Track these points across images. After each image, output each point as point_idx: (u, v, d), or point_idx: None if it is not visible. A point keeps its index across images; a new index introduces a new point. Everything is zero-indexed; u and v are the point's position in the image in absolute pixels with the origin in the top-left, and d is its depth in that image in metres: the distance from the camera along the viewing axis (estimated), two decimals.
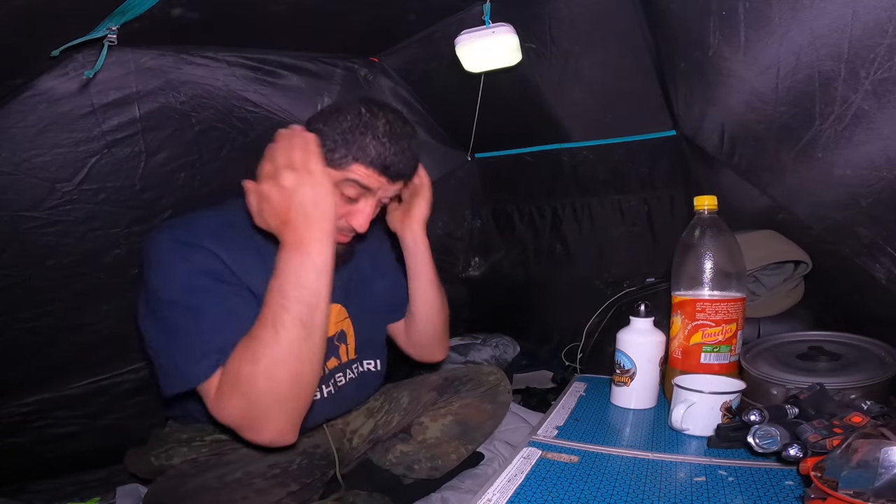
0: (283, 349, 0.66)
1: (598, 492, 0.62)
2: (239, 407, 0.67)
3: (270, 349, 0.66)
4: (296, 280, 0.68)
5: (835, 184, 0.73)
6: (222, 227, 0.78)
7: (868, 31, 0.52)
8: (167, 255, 0.74)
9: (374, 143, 0.77)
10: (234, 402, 0.67)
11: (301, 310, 0.67)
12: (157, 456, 0.87)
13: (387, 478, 0.99)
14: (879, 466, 0.45)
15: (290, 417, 0.70)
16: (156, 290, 0.73)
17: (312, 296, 0.68)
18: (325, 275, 0.69)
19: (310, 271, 0.68)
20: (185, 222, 0.78)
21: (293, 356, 0.67)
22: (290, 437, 0.71)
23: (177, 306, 0.72)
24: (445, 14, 1.19)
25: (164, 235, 0.75)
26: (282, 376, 0.67)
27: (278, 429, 0.69)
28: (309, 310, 0.68)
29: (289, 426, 0.70)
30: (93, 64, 0.80)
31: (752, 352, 0.90)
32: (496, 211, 1.84)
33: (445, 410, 1.02)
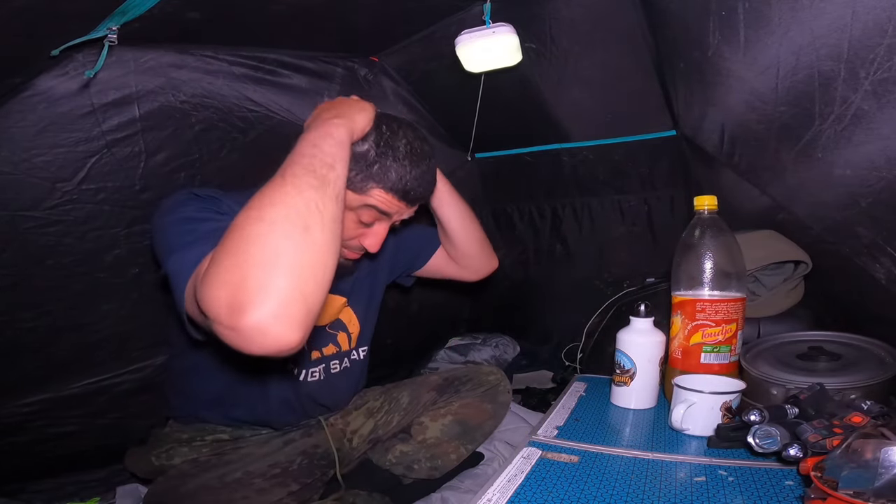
0: (289, 191, 0.55)
1: (598, 492, 0.62)
2: (223, 271, 0.51)
3: (272, 192, 0.55)
4: (312, 144, 0.61)
5: (835, 184, 0.73)
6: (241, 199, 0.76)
7: (868, 31, 0.52)
8: (181, 198, 0.72)
9: (395, 167, 0.75)
10: (218, 267, 0.51)
11: (315, 164, 0.59)
12: (158, 456, 0.88)
13: (387, 478, 0.99)
14: (879, 466, 0.45)
15: (285, 289, 0.50)
16: (160, 224, 0.70)
17: (328, 157, 0.61)
18: (342, 149, 0.63)
19: (328, 141, 0.62)
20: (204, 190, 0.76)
21: (300, 200, 0.55)
22: (285, 328, 0.50)
23: (181, 224, 0.67)
24: (445, 14, 1.19)
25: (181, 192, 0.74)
26: (282, 218, 0.53)
27: (269, 303, 0.49)
28: (325, 166, 0.59)
29: (283, 304, 0.50)
30: (93, 64, 0.80)
31: (752, 352, 0.90)
32: (496, 211, 1.84)
33: (445, 410, 1.02)
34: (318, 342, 0.94)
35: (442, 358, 1.77)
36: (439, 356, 1.78)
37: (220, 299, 0.49)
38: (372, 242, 0.80)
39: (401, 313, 1.58)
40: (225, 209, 0.71)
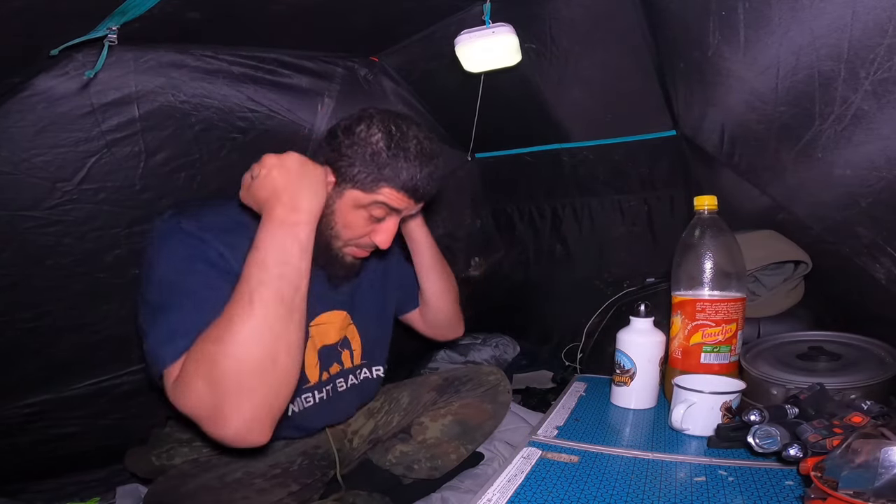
0: (257, 326, 0.60)
1: (598, 492, 0.62)
2: (200, 392, 0.59)
3: (242, 325, 0.60)
4: (280, 256, 0.64)
5: (835, 184, 0.73)
6: (229, 224, 0.76)
7: (868, 31, 0.52)
8: (168, 239, 0.72)
9: (405, 167, 0.76)
10: (194, 386, 0.59)
11: (283, 287, 0.63)
12: (158, 456, 0.88)
13: (387, 478, 0.99)
14: (879, 466, 0.45)
15: (256, 408, 0.60)
16: (148, 269, 0.71)
17: (295, 274, 0.64)
18: (307, 256, 0.67)
19: (295, 249, 0.65)
20: (193, 214, 0.76)
21: (269, 335, 0.61)
22: (258, 436, 0.61)
23: (162, 285, 0.69)
24: (445, 14, 1.19)
25: (169, 223, 0.73)
26: (252, 356, 0.59)
27: (242, 421, 0.59)
28: (291, 289, 0.63)
29: (255, 420, 0.60)
30: (93, 64, 0.80)
31: (752, 352, 0.90)
32: (496, 211, 1.84)
33: (445, 410, 1.02)
34: (326, 362, 0.92)
35: (442, 358, 1.77)
36: (439, 356, 1.78)
37: (198, 411, 0.60)
38: (383, 238, 0.81)
39: None
40: (213, 256, 0.71)
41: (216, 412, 0.59)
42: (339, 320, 0.93)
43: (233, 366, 0.59)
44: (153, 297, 0.69)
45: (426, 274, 1.02)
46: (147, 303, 0.70)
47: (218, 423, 0.59)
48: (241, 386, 0.59)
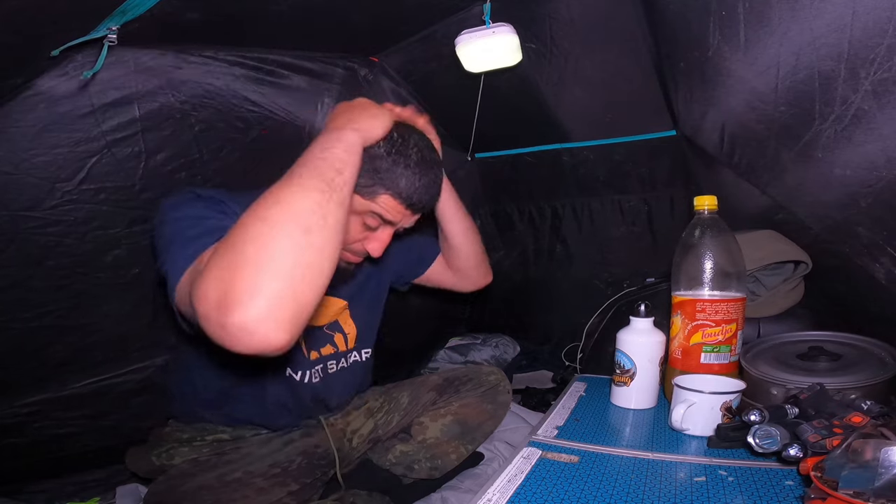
0: (292, 191, 0.55)
1: (598, 492, 0.62)
2: (219, 277, 0.50)
3: (273, 191, 0.55)
4: (323, 145, 0.62)
5: (835, 184, 0.73)
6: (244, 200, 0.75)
7: (868, 31, 0.52)
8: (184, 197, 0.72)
9: (405, 175, 0.75)
10: (215, 271, 0.50)
11: (322, 167, 0.59)
12: (158, 455, 0.88)
13: (387, 478, 0.99)
14: (879, 466, 0.45)
15: (277, 300, 0.49)
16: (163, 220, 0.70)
17: (338, 160, 0.60)
18: (354, 154, 0.63)
19: (340, 145, 0.62)
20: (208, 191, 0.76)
21: (303, 202, 0.54)
22: (275, 331, 0.49)
23: (180, 222, 0.67)
24: (445, 14, 1.19)
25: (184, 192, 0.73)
26: (282, 219, 0.53)
27: (259, 312, 0.48)
28: (332, 170, 0.59)
29: (275, 307, 0.49)
30: (92, 64, 0.80)
31: (752, 352, 0.90)
32: (496, 211, 1.84)
33: (445, 410, 1.02)
34: (315, 343, 0.94)
35: (442, 358, 1.77)
36: (439, 356, 1.78)
37: (210, 296, 0.49)
38: (375, 247, 0.80)
39: (401, 313, 1.58)
40: (228, 210, 0.70)
41: (229, 290, 0.48)
42: (335, 306, 0.95)
43: (262, 229, 0.51)
44: (170, 231, 0.67)
45: (451, 215, 0.98)
46: (163, 237, 0.67)
47: (228, 307, 0.48)
48: (266, 254, 0.50)
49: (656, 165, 1.50)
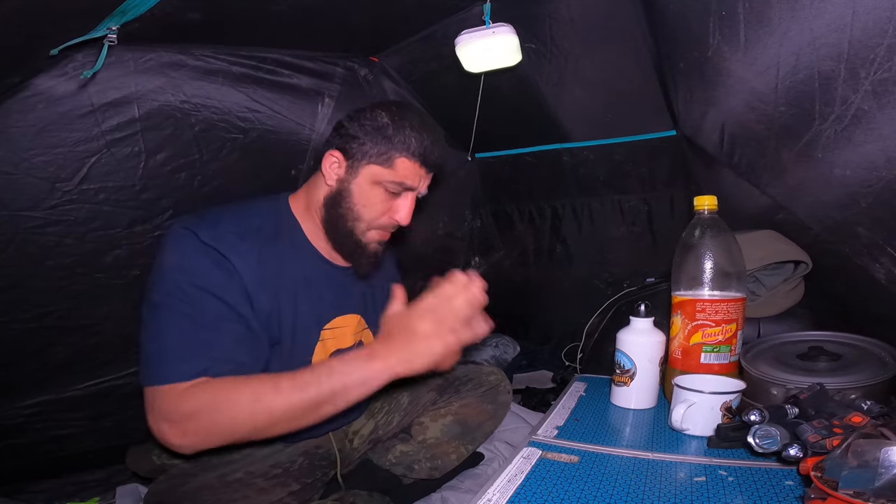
0: (299, 422, 0.66)
1: (598, 492, 0.62)
2: (194, 415, 0.64)
3: (286, 416, 0.65)
4: (362, 391, 0.66)
5: (835, 184, 0.73)
6: (247, 232, 0.78)
7: (868, 31, 0.52)
8: (185, 247, 0.73)
9: (413, 136, 0.80)
10: (196, 411, 0.64)
11: (340, 405, 0.66)
12: (159, 455, 0.87)
13: (387, 478, 0.99)
14: (879, 466, 0.45)
15: (213, 447, 0.67)
16: (160, 272, 0.72)
17: (368, 391, 0.67)
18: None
19: (378, 382, 0.66)
20: (211, 222, 0.77)
21: (296, 424, 0.66)
22: (188, 452, 0.68)
23: (182, 295, 0.70)
24: (445, 14, 1.19)
25: (187, 230, 0.74)
26: (265, 433, 0.66)
27: (194, 447, 0.66)
28: (343, 405, 0.67)
29: (203, 449, 0.67)
30: (92, 64, 0.80)
31: (752, 352, 0.90)
32: (496, 211, 1.84)
33: (445, 410, 1.02)
34: None
35: None
36: None
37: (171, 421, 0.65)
38: (404, 215, 0.84)
39: None
40: (228, 267, 0.73)
41: (187, 431, 0.65)
42: (353, 324, 0.93)
43: (245, 432, 0.65)
44: (158, 297, 0.71)
45: None
46: (151, 301, 0.71)
47: (178, 434, 0.65)
48: (233, 438, 0.66)
49: (656, 165, 1.50)
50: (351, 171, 0.81)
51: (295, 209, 0.87)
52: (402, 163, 0.80)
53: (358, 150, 0.80)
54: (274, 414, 0.64)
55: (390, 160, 0.80)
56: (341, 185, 0.82)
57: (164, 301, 0.70)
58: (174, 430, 0.65)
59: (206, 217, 0.78)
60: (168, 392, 0.66)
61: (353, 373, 0.65)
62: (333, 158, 0.82)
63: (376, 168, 0.80)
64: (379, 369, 0.65)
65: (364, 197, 0.81)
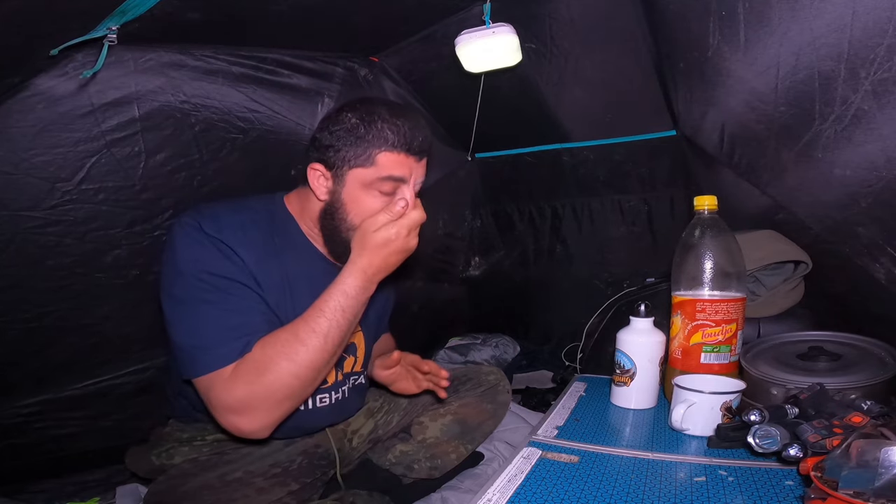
0: (325, 358, 0.72)
1: (598, 492, 0.62)
2: (248, 392, 0.68)
3: (314, 355, 0.70)
4: (358, 310, 0.74)
5: (835, 184, 0.73)
6: (246, 225, 0.78)
7: (868, 31, 0.52)
8: (193, 240, 0.74)
9: (387, 127, 0.76)
10: (247, 387, 0.68)
11: (347, 335, 0.73)
12: (159, 455, 0.87)
13: (387, 477, 0.99)
14: (879, 466, 0.45)
15: (280, 417, 0.72)
16: (178, 270, 0.73)
17: (357, 317, 0.75)
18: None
19: (365, 298, 0.74)
20: (212, 214, 0.77)
21: (325, 368, 0.73)
22: (266, 434, 0.73)
23: (203, 285, 0.72)
24: (445, 14, 1.19)
25: (190, 223, 0.75)
26: (308, 380, 0.71)
27: (265, 423, 0.71)
28: (349, 336, 0.75)
29: (273, 424, 0.72)
30: (92, 64, 0.80)
31: (752, 352, 0.90)
32: (496, 211, 1.85)
33: (445, 410, 1.02)
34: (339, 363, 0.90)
35: (442, 358, 1.77)
36: (439, 356, 1.78)
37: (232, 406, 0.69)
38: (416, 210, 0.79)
39: (401, 313, 1.58)
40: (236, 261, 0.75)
41: (250, 411, 0.69)
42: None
43: (292, 385, 0.70)
44: (180, 291, 0.73)
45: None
46: (173, 297, 0.73)
47: (244, 419, 0.70)
48: (285, 398, 0.71)
49: (656, 165, 1.50)
50: (337, 181, 0.78)
51: (290, 208, 0.87)
52: (384, 157, 0.76)
53: (336, 158, 0.77)
54: (313, 362, 0.71)
55: (370, 158, 0.76)
56: (332, 196, 0.79)
57: (187, 295, 0.72)
58: (243, 420, 0.70)
59: (204, 211, 0.78)
60: (216, 380, 0.70)
61: (335, 290, 0.72)
62: (317, 172, 0.80)
63: (359, 171, 0.76)
64: (351, 273, 0.73)
65: (356, 204, 0.78)
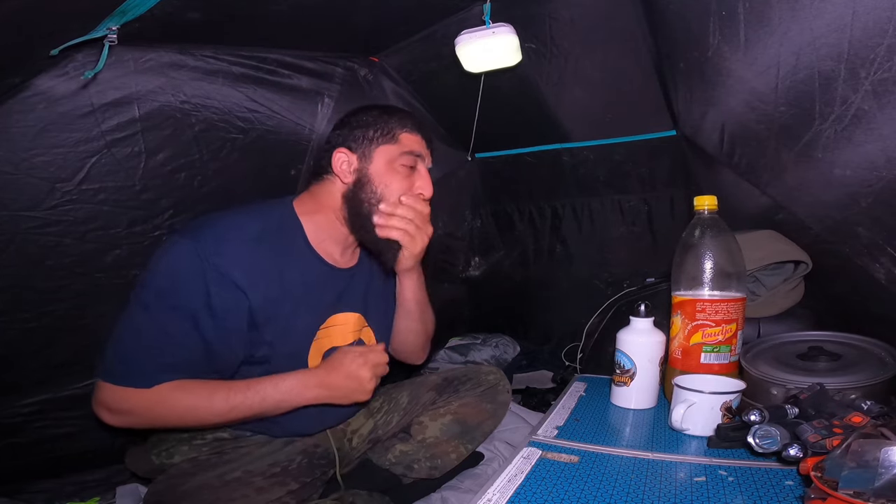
0: (217, 422, 0.78)
1: (598, 492, 0.62)
2: (131, 417, 0.76)
3: (209, 417, 0.77)
4: (281, 403, 0.79)
5: (835, 184, 0.73)
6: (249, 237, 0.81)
7: (868, 31, 0.52)
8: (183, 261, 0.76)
9: (401, 115, 0.90)
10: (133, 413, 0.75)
11: (259, 413, 0.79)
12: (158, 454, 0.87)
13: (386, 477, 0.99)
14: (879, 466, 0.45)
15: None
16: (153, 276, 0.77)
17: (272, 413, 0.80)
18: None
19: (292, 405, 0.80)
20: (216, 235, 0.78)
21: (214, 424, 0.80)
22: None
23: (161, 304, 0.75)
24: (445, 14, 1.19)
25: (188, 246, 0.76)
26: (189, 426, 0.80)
27: (131, 428, 0.79)
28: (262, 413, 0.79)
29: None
30: (93, 64, 0.80)
31: (752, 352, 0.90)
32: (496, 211, 1.84)
33: (445, 410, 1.02)
34: None
35: (442, 358, 1.77)
36: (439, 356, 1.77)
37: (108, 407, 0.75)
38: (423, 184, 0.89)
39: None
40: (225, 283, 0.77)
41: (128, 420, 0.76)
42: (352, 321, 0.93)
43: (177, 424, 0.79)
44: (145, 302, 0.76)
45: (402, 314, 1.02)
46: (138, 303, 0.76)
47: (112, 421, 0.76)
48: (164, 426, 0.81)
49: (656, 165, 1.50)
50: (363, 160, 0.86)
51: (299, 212, 0.89)
52: (405, 136, 0.87)
53: (363, 138, 0.86)
54: (204, 422, 0.78)
55: (395, 136, 0.87)
56: (359, 174, 0.86)
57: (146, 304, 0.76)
58: (112, 418, 0.76)
59: (206, 224, 0.80)
60: (118, 391, 0.74)
61: (283, 401, 0.79)
62: (342, 156, 0.87)
63: (385, 147, 0.86)
64: (300, 378, 0.80)
65: (382, 178, 0.86)
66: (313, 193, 0.91)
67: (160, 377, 0.74)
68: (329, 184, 0.89)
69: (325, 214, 0.88)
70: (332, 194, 0.88)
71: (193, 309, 0.75)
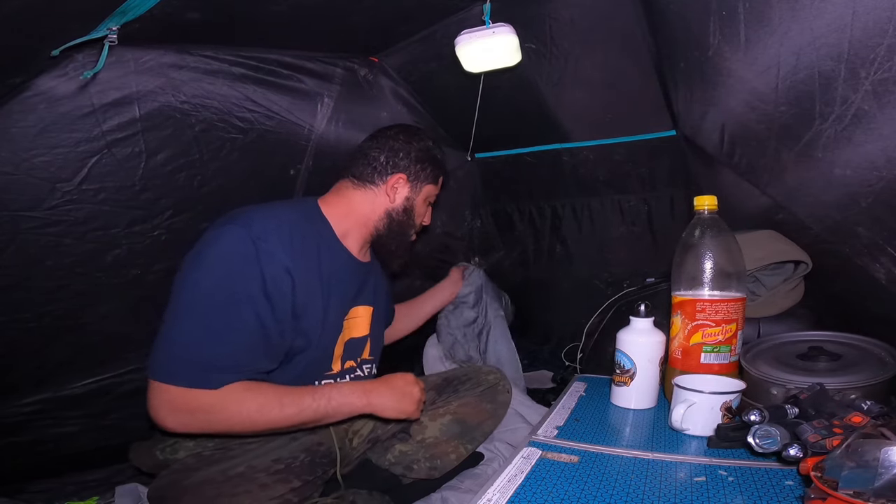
0: (285, 425, 0.79)
1: (598, 492, 0.62)
2: (197, 417, 0.74)
3: (280, 420, 0.77)
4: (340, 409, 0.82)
5: (835, 184, 0.73)
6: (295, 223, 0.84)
7: (868, 31, 0.52)
8: (236, 246, 0.76)
9: (443, 159, 1.03)
10: (200, 412, 0.73)
11: (321, 418, 0.81)
12: (163, 450, 0.88)
13: (386, 477, 0.99)
14: (879, 466, 0.45)
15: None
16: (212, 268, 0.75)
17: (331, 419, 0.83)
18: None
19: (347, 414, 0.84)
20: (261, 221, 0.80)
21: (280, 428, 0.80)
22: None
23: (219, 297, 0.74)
24: (445, 14, 1.19)
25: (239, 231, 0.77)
26: (256, 430, 0.78)
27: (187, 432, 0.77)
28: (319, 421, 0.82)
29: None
30: (93, 64, 0.80)
31: (752, 352, 0.90)
32: (496, 211, 1.84)
33: (444, 410, 1.02)
34: (350, 353, 0.97)
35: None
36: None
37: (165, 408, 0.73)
38: (429, 218, 1.06)
39: None
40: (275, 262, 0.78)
41: (185, 427, 0.74)
42: (367, 314, 0.99)
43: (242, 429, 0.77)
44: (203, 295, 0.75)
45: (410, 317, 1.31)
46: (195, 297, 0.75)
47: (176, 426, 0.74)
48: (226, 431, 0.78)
49: (656, 165, 1.50)
50: (414, 191, 0.98)
51: (326, 211, 0.93)
52: (440, 180, 1.02)
53: (421, 172, 0.98)
54: (272, 424, 0.77)
55: (437, 179, 1.01)
56: (407, 202, 0.98)
57: (202, 297, 0.74)
58: (174, 421, 0.73)
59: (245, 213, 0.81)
60: (183, 393, 0.72)
61: (343, 405, 0.82)
62: (401, 181, 0.97)
63: (430, 187, 1.01)
64: (360, 405, 0.83)
65: (419, 209, 1.00)
66: (346, 197, 0.95)
67: (228, 377, 0.73)
68: (371, 194, 0.96)
69: (356, 218, 0.94)
70: (372, 205, 0.96)
71: (253, 297, 0.75)
